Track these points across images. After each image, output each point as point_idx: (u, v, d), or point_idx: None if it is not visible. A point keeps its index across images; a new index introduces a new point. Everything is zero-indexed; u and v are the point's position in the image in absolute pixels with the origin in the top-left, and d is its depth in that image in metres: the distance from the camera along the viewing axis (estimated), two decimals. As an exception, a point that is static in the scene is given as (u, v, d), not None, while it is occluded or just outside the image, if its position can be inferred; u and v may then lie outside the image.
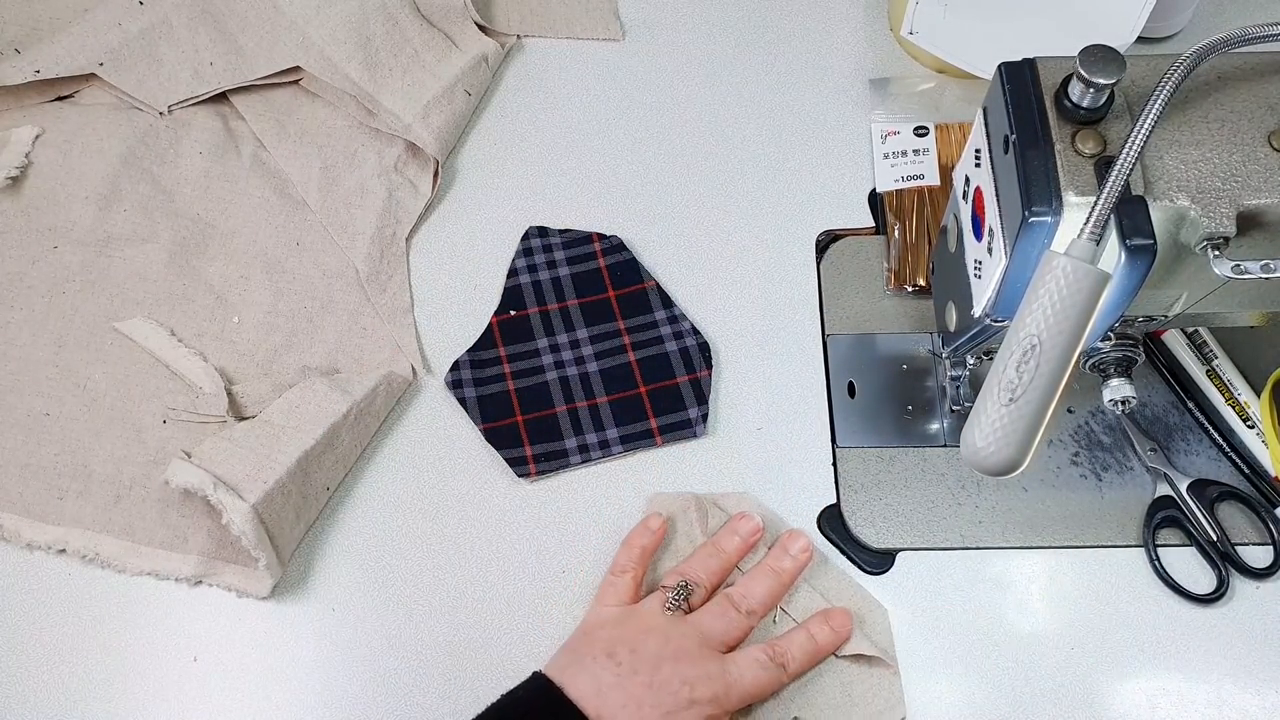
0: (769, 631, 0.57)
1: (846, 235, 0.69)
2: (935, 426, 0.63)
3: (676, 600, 0.54)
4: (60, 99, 0.73)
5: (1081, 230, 0.40)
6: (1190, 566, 0.59)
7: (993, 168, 0.47)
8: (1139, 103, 0.44)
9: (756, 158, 0.72)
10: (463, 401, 0.64)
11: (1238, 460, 0.61)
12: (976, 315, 0.51)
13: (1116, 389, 0.56)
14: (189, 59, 0.73)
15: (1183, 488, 0.60)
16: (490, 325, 0.66)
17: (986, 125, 0.48)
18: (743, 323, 0.67)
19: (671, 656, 0.51)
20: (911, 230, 0.68)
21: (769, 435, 0.63)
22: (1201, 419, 0.62)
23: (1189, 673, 0.57)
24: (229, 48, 0.73)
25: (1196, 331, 0.63)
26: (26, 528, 0.60)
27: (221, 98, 0.73)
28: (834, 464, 0.62)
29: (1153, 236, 0.41)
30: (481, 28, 0.76)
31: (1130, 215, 0.42)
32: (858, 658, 0.56)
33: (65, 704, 0.57)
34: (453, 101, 0.72)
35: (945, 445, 0.63)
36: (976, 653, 0.58)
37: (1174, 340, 0.63)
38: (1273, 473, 0.60)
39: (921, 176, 0.70)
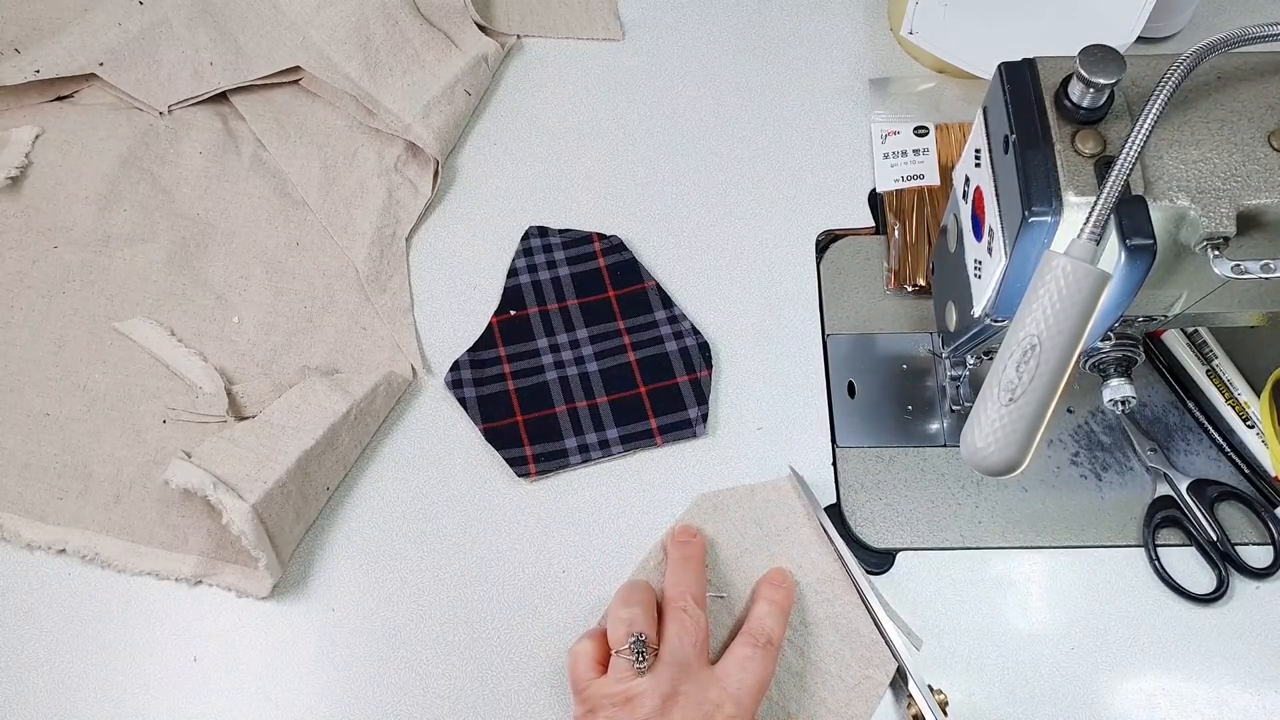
0: (788, 689, 0.56)
1: (846, 235, 0.69)
2: (935, 426, 0.63)
3: (641, 655, 0.51)
4: (60, 99, 0.73)
5: (1081, 230, 0.40)
6: (1190, 566, 0.59)
7: (993, 168, 0.47)
8: (1139, 103, 0.44)
9: (756, 158, 0.72)
10: (463, 401, 0.64)
11: (1238, 460, 0.61)
12: (976, 315, 0.51)
13: (1116, 389, 0.56)
14: (189, 59, 0.73)
15: (1182, 488, 0.60)
16: (490, 325, 0.66)
17: (986, 125, 0.48)
18: (743, 323, 0.67)
19: (676, 709, 0.50)
20: (911, 230, 0.68)
21: (769, 435, 0.63)
22: (1201, 419, 0.62)
23: (1189, 673, 0.57)
24: (229, 48, 0.73)
25: (1196, 331, 0.63)
26: (26, 528, 0.60)
27: (221, 98, 0.73)
28: (834, 464, 0.62)
29: (1153, 236, 0.41)
30: (481, 28, 0.76)
31: (1130, 215, 0.42)
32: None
33: (65, 704, 0.57)
34: (453, 101, 0.72)
35: (945, 445, 0.63)
36: (976, 652, 0.58)
37: (1174, 340, 0.64)
38: (1273, 472, 0.60)
39: (921, 176, 0.70)
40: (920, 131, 0.71)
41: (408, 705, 0.57)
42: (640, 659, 0.51)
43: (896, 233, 0.68)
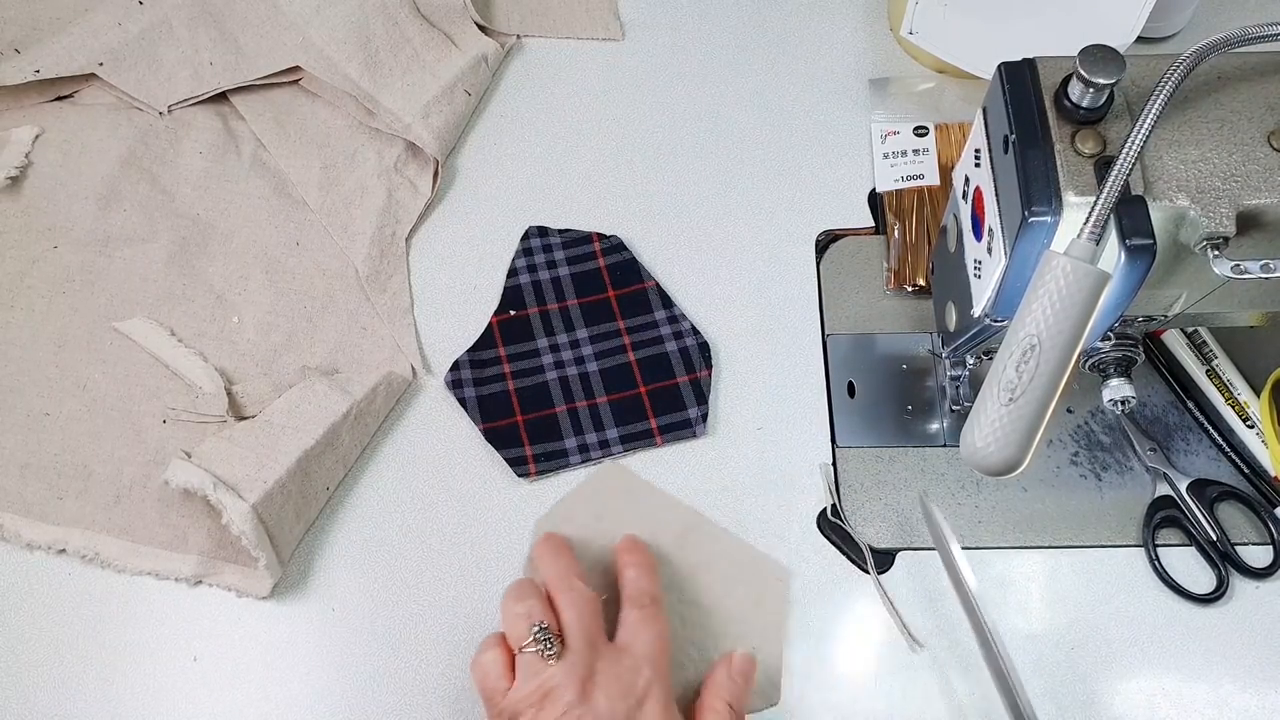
0: (703, 641, 0.57)
1: (846, 235, 0.69)
2: (935, 426, 0.63)
3: (549, 642, 0.50)
4: (60, 99, 0.73)
5: (1081, 230, 0.40)
6: (1190, 566, 0.59)
7: (992, 168, 0.47)
8: (1139, 102, 0.44)
9: (756, 158, 0.72)
10: (462, 401, 0.64)
11: (1237, 460, 0.61)
12: (976, 315, 0.51)
13: (1116, 389, 0.56)
14: (189, 59, 0.73)
15: (1182, 487, 0.60)
16: (490, 325, 0.66)
17: (986, 125, 0.48)
18: (743, 323, 0.67)
19: (597, 690, 0.49)
20: (911, 230, 0.68)
21: (769, 435, 0.63)
22: (1201, 419, 0.62)
23: (1189, 672, 0.57)
24: (229, 48, 0.73)
25: (1196, 331, 0.63)
26: (26, 528, 0.60)
27: (221, 98, 0.73)
28: (834, 464, 0.63)
29: (1152, 236, 0.41)
30: (481, 28, 0.76)
31: (1130, 215, 0.42)
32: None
33: (65, 704, 0.57)
34: (453, 101, 0.72)
35: (945, 445, 0.63)
36: (976, 652, 0.58)
37: (1174, 340, 0.64)
38: (1272, 472, 0.60)
39: (921, 176, 0.70)
40: (920, 131, 0.71)
41: (408, 705, 0.57)
42: (549, 646, 0.50)
43: (896, 233, 0.68)
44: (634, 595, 0.54)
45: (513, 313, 0.67)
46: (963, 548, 0.60)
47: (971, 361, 0.61)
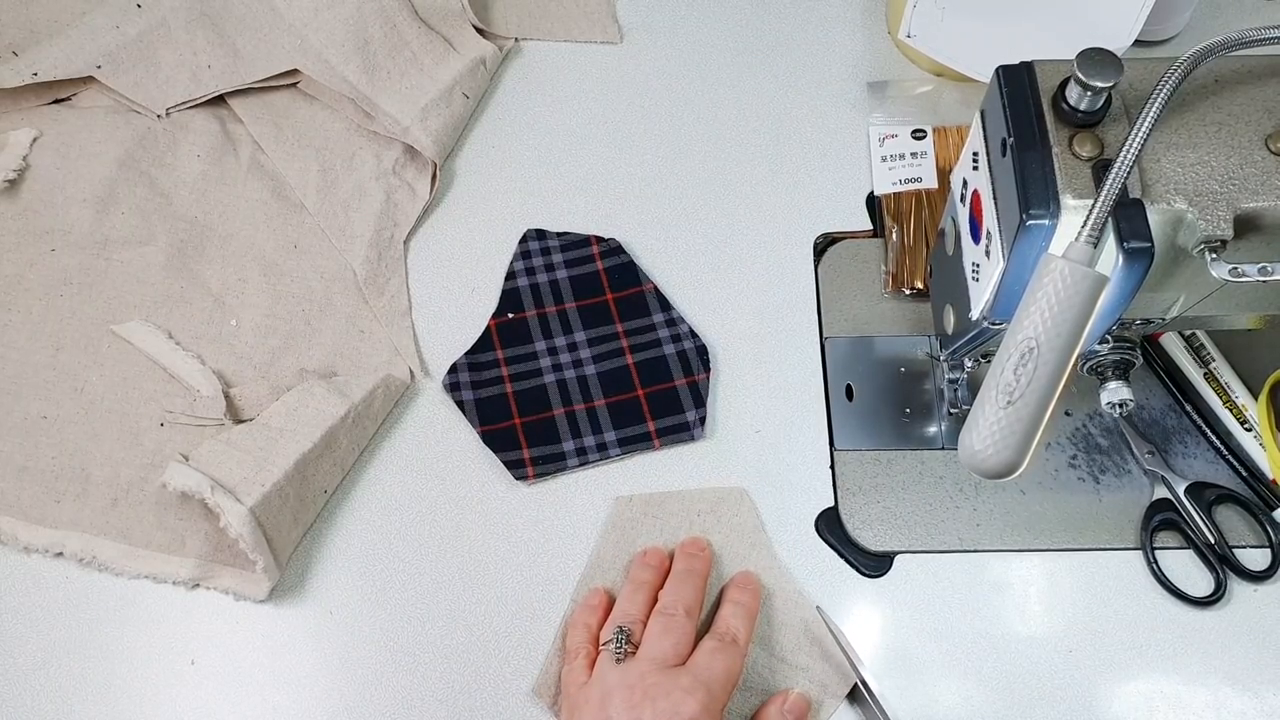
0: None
1: (844, 238, 0.70)
2: (933, 429, 0.63)
3: (619, 647, 0.53)
4: (58, 102, 0.73)
5: (1079, 233, 0.40)
6: (1188, 569, 0.59)
7: (990, 171, 0.47)
8: (1136, 106, 0.44)
9: (755, 160, 0.72)
10: (460, 404, 0.64)
11: (1235, 463, 0.61)
12: (974, 318, 0.51)
13: (1114, 392, 0.56)
14: (187, 62, 0.73)
15: (1180, 490, 0.60)
16: (488, 328, 0.66)
17: (984, 128, 0.48)
18: (741, 326, 0.67)
19: (643, 700, 0.50)
20: (909, 233, 0.68)
21: (767, 438, 0.63)
22: (1199, 422, 0.62)
23: (1187, 675, 0.57)
24: (227, 50, 0.73)
25: (1194, 334, 0.63)
26: (24, 530, 0.60)
27: (219, 100, 0.73)
28: (832, 467, 0.63)
29: (1150, 239, 0.41)
30: (479, 31, 0.76)
31: (1128, 218, 0.42)
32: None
33: (63, 707, 0.56)
34: (451, 104, 0.72)
35: (943, 448, 0.63)
36: (974, 655, 0.58)
37: (1171, 343, 0.64)
38: (1270, 475, 0.60)
39: (919, 179, 0.70)
40: (918, 134, 0.71)
41: (406, 708, 0.57)
42: (619, 648, 0.53)
43: (894, 235, 0.68)
44: (719, 629, 0.55)
45: (511, 315, 0.67)
46: (961, 551, 0.60)
47: (970, 364, 0.61)
